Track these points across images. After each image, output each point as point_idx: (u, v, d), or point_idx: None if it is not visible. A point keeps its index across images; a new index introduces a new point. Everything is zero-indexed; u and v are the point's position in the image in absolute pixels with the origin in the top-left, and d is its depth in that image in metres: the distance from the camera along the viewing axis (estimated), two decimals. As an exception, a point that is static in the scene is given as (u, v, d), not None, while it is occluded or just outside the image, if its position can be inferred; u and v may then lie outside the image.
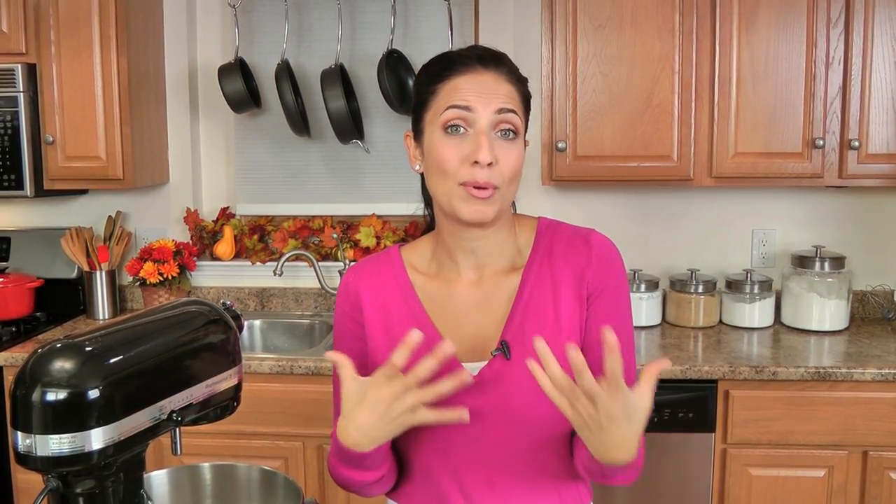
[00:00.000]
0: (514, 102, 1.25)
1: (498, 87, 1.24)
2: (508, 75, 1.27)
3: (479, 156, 1.19)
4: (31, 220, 3.26)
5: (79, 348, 0.93)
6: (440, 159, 1.23)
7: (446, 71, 1.27)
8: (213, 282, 3.22)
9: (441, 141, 1.24)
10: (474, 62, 1.26)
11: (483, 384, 1.28)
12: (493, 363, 1.28)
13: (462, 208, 1.23)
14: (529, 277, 1.32)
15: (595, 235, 1.35)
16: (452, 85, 1.25)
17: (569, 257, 1.32)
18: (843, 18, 2.55)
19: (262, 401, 2.53)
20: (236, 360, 1.07)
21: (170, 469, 1.18)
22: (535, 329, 1.29)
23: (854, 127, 2.57)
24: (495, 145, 1.22)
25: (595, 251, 1.32)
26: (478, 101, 1.22)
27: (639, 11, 2.61)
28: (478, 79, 1.24)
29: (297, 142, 3.15)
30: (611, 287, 1.32)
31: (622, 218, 3.06)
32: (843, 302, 2.75)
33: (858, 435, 2.37)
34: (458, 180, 1.22)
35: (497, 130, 1.23)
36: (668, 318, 2.91)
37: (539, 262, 1.33)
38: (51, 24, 2.76)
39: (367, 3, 3.08)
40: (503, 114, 1.22)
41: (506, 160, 1.23)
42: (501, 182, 1.23)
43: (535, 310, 1.30)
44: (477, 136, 1.21)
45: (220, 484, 1.18)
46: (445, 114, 1.23)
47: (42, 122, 2.82)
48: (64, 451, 0.90)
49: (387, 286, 1.36)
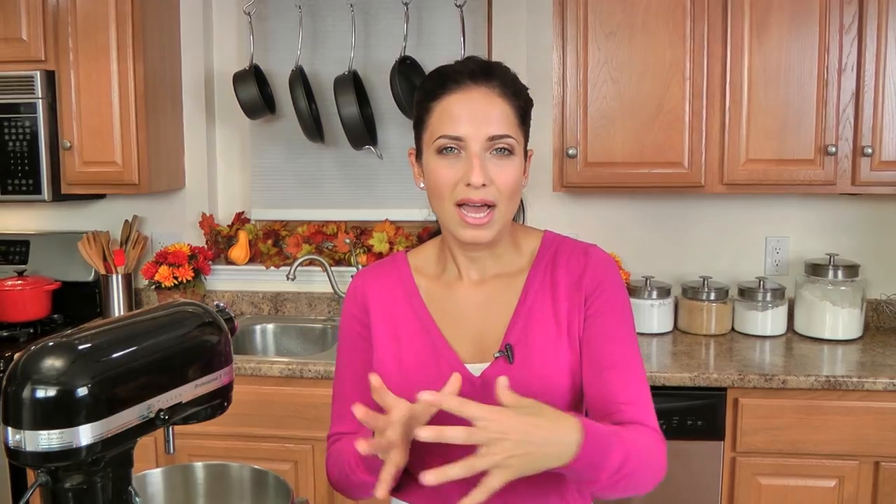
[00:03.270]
0: (506, 124, 1.25)
1: (490, 109, 1.25)
2: (501, 90, 1.27)
3: (472, 178, 1.21)
4: (49, 224, 3.31)
5: (70, 347, 0.94)
6: (436, 181, 1.26)
7: (439, 89, 1.28)
8: (228, 286, 3.25)
9: (436, 163, 1.26)
10: (465, 79, 1.27)
11: (486, 385, 1.29)
12: (495, 365, 1.31)
13: (460, 233, 1.26)
14: (533, 283, 1.35)
15: (594, 248, 1.38)
16: (444, 105, 1.27)
17: (569, 266, 1.35)
18: (856, 24, 2.53)
19: (273, 404, 2.55)
20: (227, 361, 1.09)
21: (163, 468, 1.20)
22: (537, 333, 1.32)
23: (867, 133, 2.55)
24: (489, 165, 1.24)
25: (592, 260, 1.35)
26: (469, 128, 1.23)
27: (650, 18, 2.61)
28: (469, 97, 1.25)
29: (312, 148, 3.18)
30: (606, 286, 1.34)
31: (634, 225, 3.05)
32: (856, 310, 2.73)
33: (870, 445, 2.34)
34: (453, 200, 1.25)
35: (491, 150, 1.24)
36: (680, 326, 2.90)
37: (542, 270, 1.36)
38: (69, 31, 2.81)
39: (380, 10, 3.10)
40: (495, 140, 1.24)
41: (501, 178, 1.24)
42: (498, 199, 1.25)
43: (537, 315, 1.33)
44: (469, 159, 1.23)
45: (212, 483, 1.20)
46: (437, 142, 1.25)
47: (60, 127, 2.87)
48: (53, 446, 0.91)
49: (393, 290, 1.39)
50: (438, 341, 1.33)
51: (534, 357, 1.30)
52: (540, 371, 1.30)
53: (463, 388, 1.28)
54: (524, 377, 1.28)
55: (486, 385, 1.29)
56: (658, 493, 2.40)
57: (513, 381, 1.28)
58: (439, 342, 1.33)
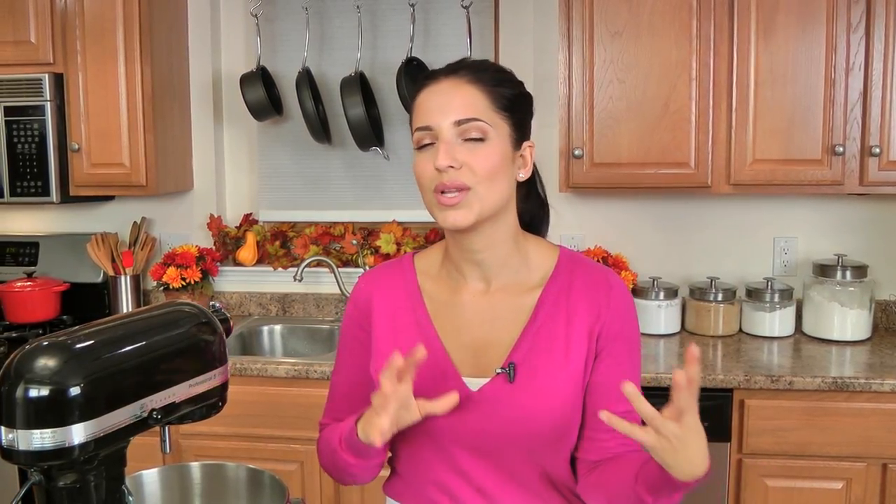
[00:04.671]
0: (474, 108, 1.25)
1: (454, 96, 1.25)
2: (471, 76, 1.27)
3: (437, 162, 1.22)
4: (58, 226, 3.34)
5: (63, 346, 0.95)
6: (418, 174, 1.28)
7: (419, 87, 1.31)
8: (236, 287, 3.26)
9: (416, 157, 1.29)
10: (441, 73, 1.30)
11: (483, 402, 1.28)
12: (495, 381, 1.29)
13: (439, 217, 1.26)
14: (546, 304, 1.32)
15: (615, 277, 1.36)
16: (419, 101, 1.29)
17: (588, 293, 1.32)
18: (863, 23, 2.51)
19: (279, 405, 2.55)
20: (222, 361, 1.09)
21: (160, 468, 1.20)
22: (544, 356, 1.29)
23: (875, 133, 2.53)
24: (459, 150, 1.24)
25: (615, 293, 1.33)
26: (436, 117, 1.25)
27: (656, 17, 2.60)
28: (437, 89, 1.27)
29: (319, 149, 3.19)
30: (626, 334, 1.33)
31: (642, 225, 3.04)
32: (865, 312, 2.71)
33: (877, 447, 2.32)
34: (430, 188, 1.25)
35: (463, 137, 1.25)
36: (688, 327, 2.89)
37: (557, 291, 1.32)
38: (77, 34, 2.83)
39: (387, 11, 3.11)
40: (462, 124, 1.24)
41: (475, 161, 1.24)
42: (473, 182, 1.23)
43: (545, 337, 1.30)
44: (438, 146, 1.24)
45: (208, 482, 1.20)
46: (415, 136, 1.28)
47: (68, 129, 2.89)
48: (46, 445, 0.92)
49: (397, 293, 1.38)
50: (438, 352, 1.31)
51: (537, 379, 1.28)
52: (539, 393, 1.27)
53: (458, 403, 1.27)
54: (522, 398, 1.27)
55: (483, 402, 1.28)
56: (664, 494, 2.40)
57: (510, 401, 1.27)
58: (439, 353, 1.31)
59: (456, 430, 1.29)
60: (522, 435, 1.27)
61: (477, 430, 1.28)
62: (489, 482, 1.31)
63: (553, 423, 1.27)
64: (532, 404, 1.26)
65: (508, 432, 1.27)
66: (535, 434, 1.27)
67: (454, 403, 1.18)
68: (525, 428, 1.27)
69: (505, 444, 1.28)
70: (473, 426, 1.28)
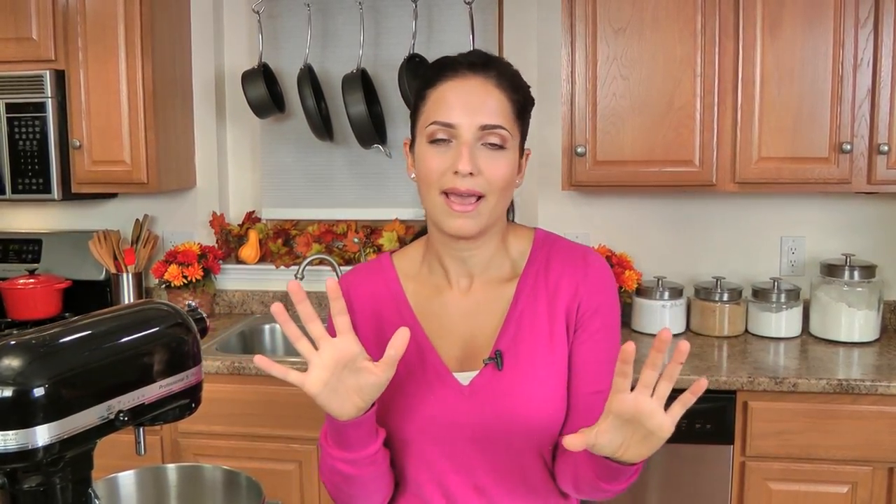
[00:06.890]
0: (501, 115, 1.23)
1: (485, 98, 1.22)
2: (498, 80, 1.25)
3: (459, 166, 1.19)
4: (61, 223, 3.34)
5: (27, 346, 0.93)
6: (425, 169, 1.24)
7: (437, 76, 1.27)
8: (238, 285, 3.25)
9: (426, 151, 1.24)
10: (464, 68, 1.25)
11: (474, 394, 1.27)
12: (484, 373, 1.28)
13: (445, 222, 1.23)
14: (525, 288, 1.31)
15: (592, 255, 1.34)
16: (439, 92, 1.25)
17: (565, 271, 1.31)
18: (872, 18, 2.46)
19: (277, 404, 2.54)
20: (195, 361, 1.07)
21: (136, 470, 1.19)
22: (528, 340, 1.29)
23: (883, 131, 2.48)
24: (479, 156, 1.21)
25: (592, 269, 1.31)
26: (462, 116, 1.21)
27: (659, 13, 2.56)
28: (464, 86, 1.23)
29: (322, 147, 3.17)
30: (605, 308, 1.31)
31: (647, 224, 3.00)
32: (873, 312, 2.66)
33: (884, 450, 2.27)
34: (440, 188, 1.22)
35: (482, 142, 1.22)
36: (693, 327, 2.85)
37: (535, 274, 1.32)
38: (78, 31, 2.82)
39: (389, 7, 3.08)
40: (487, 130, 1.21)
41: (491, 170, 1.22)
42: (487, 190, 1.22)
43: (528, 321, 1.30)
44: (459, 147, 1.21)
45: (184, 484, 1.19)
46: (429, 128, 1.23)
47: (70, 127, 2.88)
48: (9, 447, 0.90)
49: (379, 294, 1.37)
50: (426, 349, 1.30)
51: (522, 364, 1.27)
52: (527, 378, 1.27)
53: (451, 398, 1.27)
54: (513, 383, 1.26)
55: (475, 394, 1.27)
56: (667, 497, 2.37)
57: (499, 388, 1.26)
58: (427, 350, 1.31)
59: (454, 426, 1.27)
60: (519, 420, 1.26)
61: (474, 424, 1.27)
62: (490, 479, 1.30)
63: (547, 404, 1.26)
64: (522, 389, 1.25)
65: (505, 420, 1.26)
66: (531, 417, 1.25)
67: (406, 337, 1.11)
68: (521, 412, 1.25)
69: (504, 434, 1.27)
70: (470, 420, 1.26)
